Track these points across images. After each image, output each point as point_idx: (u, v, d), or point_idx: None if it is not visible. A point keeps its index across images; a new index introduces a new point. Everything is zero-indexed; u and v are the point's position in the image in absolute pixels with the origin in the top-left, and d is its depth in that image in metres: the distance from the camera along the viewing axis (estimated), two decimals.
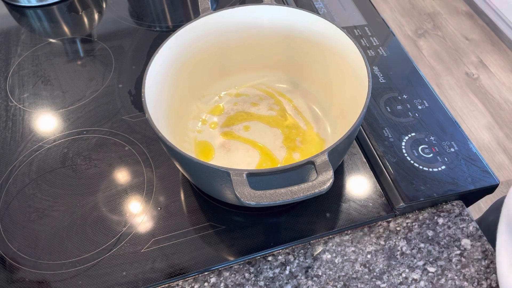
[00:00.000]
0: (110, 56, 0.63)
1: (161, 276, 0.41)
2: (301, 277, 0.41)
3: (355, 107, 0.40)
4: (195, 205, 0.46)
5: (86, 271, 0.42)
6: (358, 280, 0.41)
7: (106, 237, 0.44)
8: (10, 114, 0.56)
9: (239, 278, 0.41)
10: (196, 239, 0.44)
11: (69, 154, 0.51)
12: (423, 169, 0.45)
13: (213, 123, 0.52)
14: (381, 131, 0.48)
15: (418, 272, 0.41)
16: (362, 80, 0.41)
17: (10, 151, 0.52)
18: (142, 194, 0.47)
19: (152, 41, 0.65)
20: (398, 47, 0.58)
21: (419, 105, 0.51)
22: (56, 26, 0.69)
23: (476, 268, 0.41)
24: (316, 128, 0.51)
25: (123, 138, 0.52)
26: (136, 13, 0.70)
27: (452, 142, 0.47)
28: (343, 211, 0.45)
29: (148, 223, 0.45)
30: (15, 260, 0.43)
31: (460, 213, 0.45)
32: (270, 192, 0.32)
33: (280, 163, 0.48)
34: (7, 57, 0.64)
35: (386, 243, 0.43)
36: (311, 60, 0.51)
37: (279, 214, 0.45)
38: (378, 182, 0.47)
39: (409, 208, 0.44)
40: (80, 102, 0.57)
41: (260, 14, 0.49)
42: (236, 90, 0.55)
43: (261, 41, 0.52)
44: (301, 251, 0.43)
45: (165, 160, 0.50)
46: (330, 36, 0.46)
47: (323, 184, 0.32)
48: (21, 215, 0.46)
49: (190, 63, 0.49)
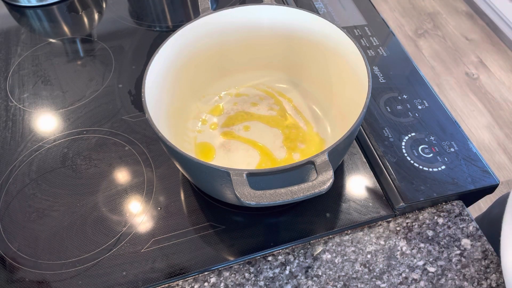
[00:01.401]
0: (110, 56, 0.63)
1: (161, 276, 0.41)
2: (301, 277, 0.41)
3: (355, 107, 0.40)
4: (195, 205, 0.46)
5: (86, 271, 0.42)
6: (358, 280, 0.41)
7: (106, 237, 0.44)
8: (10, 114, 0.56)
9: (239, 278, 0.41)
10: (196, 239, 0.44)
11: (69, 154, 0.51)
12: (423, 169, 0.45)
13: (213, 124, 0.52)
14: (381, 131, 0.48)
15: (418, 272, 0.41)
16: (362, 80, 0.41)
17: (10, 151, 0.52)
18: (142, 194, 0.47)
19: (152, 41, 0.65)
20: (398, 47, 0.58)
21: (419, 105, 0.51)
22: (56, 26, 0.69)
23: (476, 268, 0.41)
24: (316, 128, 0.51)
25: (123, 138, 0.52)
26: (136, 13, 0.70)
27: (452, 142, 0.47)
28: (343, 211, 0.45)
29: (148, 223, 0.45)
30: (15, 260, 0.43)
31: (460, 213, 0.45)
32: (270, 192, 0.32)
33: (280, 163, 0.48)
34: (7, 57, 0.64)
35: (386, 243, 0.43)
36: (311, 60, 0.51)
37: (279, 214, 0.45)
38: (378, 182, 0.47)
39: (409, 208, 0.44)
40: (80, 102, 0.57)
41: (260, 14, 0.49)
42: (236, 90, 0.55)
43: (261, 41, 0.52)
44: (301, 251, 0.43)
45: (165, 160, 0.50)
46: (330, 36, 0.46)
47: (323, 184, 0.32)
48: (21, 215, 0.46)
49: (190, 63, 0.49)
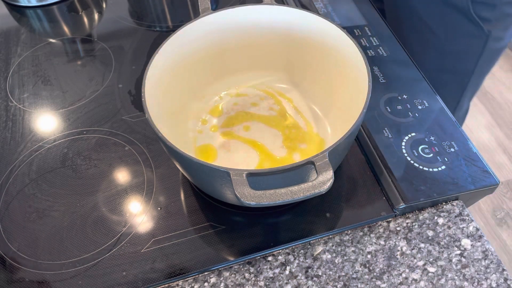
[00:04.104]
0: (110, 56, 0.63)
1: (161, 276, 0.41)
2: (301, 277, 0.41)
3: (355, 107, 0.40)
4: (195, 205, 0.46)
5: (86, 271, 0.42)
6: (358, 280, 0.41)
7: (106, 237, 0.44)
8: (10, 114, 0.56)
9: (239, 278, 0.41)
10: (196, 239, 0.44)
11: (69, 154, 0.51)
12: (423, 169, 0.45)
13: (213, 126, 0.52)
14: (381, 131, 0.48)
15: (418, 272, 0.41)
16: (362, 80, 0.41)
17: (10, 151, 0.52)
18: (142, 194, 0.47)
19: (152, 41, 0.65)
20: (398, 47, 0.58)
21: (419, 105, 0.51)
22: (56, 26, 0.69)
23: (476, 268, 0.41)
24: (316, 128, 0.51)
25: (123, 138, 0.52)
26: (136, 13, 0.70)
27: (452, 142, 0.47)
28: (343, 211, 0.45)
29: (148, 223, 0.45)
30: (15, 260, 0.43)
31: (460, 213, 0.45)
32: (270, 192, 0.32)
33: (280, 163, 0.48)
34: (7, 57, 0.64)
35: (386, 243, 0.43)
36: (311, 60, 0.51)
37: (279, 214, 0.45)
38: (378, 182, 0.47)
39: (409, 208, 0.44)
40: (80, 102, 0.57)
41: (260, 14, 0.49)
42: (236, 90, 0.55)
43: (261, 41, 0.52)
44: (301, 251, 0.43)
45: (165, 160, 0.50)
46: (330, 36, 0.46)
47: (323, 184, 0.32)
48: (21, 215, 0.46)
49: (190, 63, 0.49)
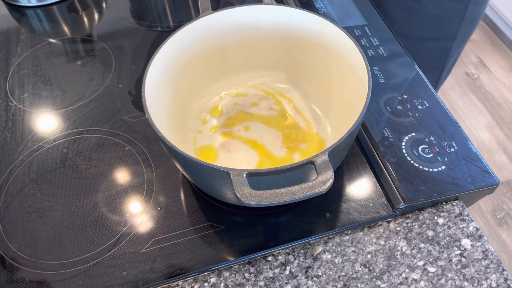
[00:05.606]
0: (110, 56, 0.63)
1: (161, 276, 0.41)
2: (301, 277, 0.41)
3: (355, 107, 0.40)
4: (195, 205, 0.46)
5: (86, 271, 0.42)
6: (358, 280, 0.41)
7: (106, 237, 0.44)
8: (10, 114, 0.56)
9: (239, 278, 0.41)
10: (196, 239, 0.44)
11: (69, 154, 0.51)
12: (423, 169, 0.45)
13: (213, 126, 0.52)
14: (381, 131, 0.48)
15: (418, 272, 0.41)
16: (362, 80, 0.41)
17: (10, 151, 0.52)
18: (142, 194, 0.47)
19: (152, 41, 0.65)
20: (398, 47, 0.58)
21: (419, 105, 0.51)
22: (56, 26, 0.69)
23: (476, 268, 0.41)
24: (316, 128, 0.51)
25: (123, 138, 0.52)
26: (137, 13, 0.70)
27: (452, 142, 0.47)
28: (343, 211, 0.45)
29: (148, 223, 0.45)
30: (15, 260, 0.43)
31: (460, 213, 0.45)
32: (270, 192, 0.32)
33: (280, 163, 0.48)
34: (7, 57, 0.64)
35: (386, 243, 0.43)
36: (311, 60, 0.51)
37: (279, 214, 0.45)
38: (378, 182, 0.47)
39: (409, 208, 0.44)
40: (80, 102, 0.57)
41: (260, 14, 0.49)
42: (236, 90, 0.55)
43: (261, 41, 0.52)
44: (301, 251, 0.43)
45: (165, 160, 0.50)
46: (330, 36, 0.46)
47: (323, 184, 0.32)
48: (21, 215, 0.46)
49: (190, 63, 0.49)
